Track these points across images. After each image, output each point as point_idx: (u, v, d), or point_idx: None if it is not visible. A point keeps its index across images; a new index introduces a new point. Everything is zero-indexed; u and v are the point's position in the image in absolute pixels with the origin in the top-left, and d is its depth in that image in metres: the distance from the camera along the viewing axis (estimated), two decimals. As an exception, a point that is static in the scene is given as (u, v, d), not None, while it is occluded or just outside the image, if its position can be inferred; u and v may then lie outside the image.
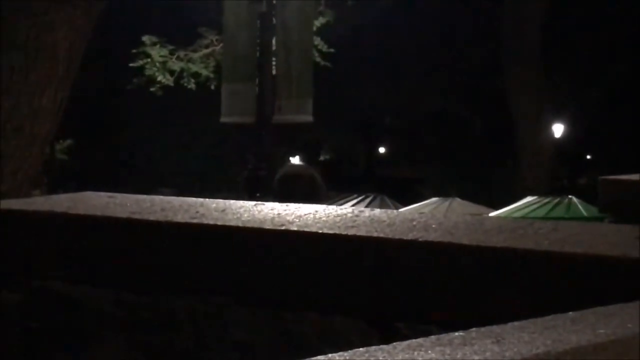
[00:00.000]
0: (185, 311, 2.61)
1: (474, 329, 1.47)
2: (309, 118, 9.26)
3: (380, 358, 1.30)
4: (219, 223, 2.61)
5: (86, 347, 2.76)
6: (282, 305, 2.47)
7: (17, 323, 2.88)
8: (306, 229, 2.49)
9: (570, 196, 15.12)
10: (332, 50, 14.10)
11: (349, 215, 2.66)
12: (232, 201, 2.94)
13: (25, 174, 5.69)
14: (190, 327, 2.60)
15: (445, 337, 1.42)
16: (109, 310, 2.73)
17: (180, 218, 2.69)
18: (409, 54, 27.15)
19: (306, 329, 2.43)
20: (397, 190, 23.90)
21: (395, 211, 3.15)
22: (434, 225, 2.49)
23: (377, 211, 2.78)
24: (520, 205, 14.95)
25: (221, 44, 11.71)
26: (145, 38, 14.23)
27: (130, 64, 14.17)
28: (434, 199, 17.91)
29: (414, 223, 2.52)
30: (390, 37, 25.97)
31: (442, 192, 19.86)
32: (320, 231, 2.46)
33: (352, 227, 2.50)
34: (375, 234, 2.41)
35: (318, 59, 13.41)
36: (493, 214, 14.63)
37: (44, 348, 2.84)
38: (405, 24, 25.28)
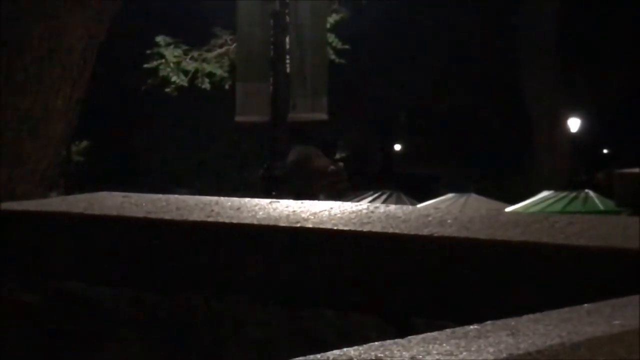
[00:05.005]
0: (202, 310, 2.62)
1: (489, 321, 1.48)
2: (324, 116, 9.27)
3: (395, 351, 1.30)
4: (234, 221, 2.62)
5: (103, 347, 2.77)
6: (298, 303, 2.47)
7: (35, 324, 2.89)
8: (321, 226, 2.50)
9: (586, 190, 15.08)
10: (346, 46, 14.08)
11: (364, 211, 2.66)
12: (247, 199, 2.94)
13: (41, 176, 5.71)
14: (207, 325, 2.61)
15: (460, 330, 1.42)
16: (126, 310, 2.74)
17: (195, 217, 2.70)
18: (424, 50, 27.11)
19: (323, 326, 2.43)
20: (413, 187, 23.89)
21: (410, 207, 3.14)
22: (449, 221, 2.49)
23: (393, 207, 2.78)
24: (536, 200, 14.92)
25: (235, 44, 11.72)
26: (160, 38, 14.25)
27: (145, 65, 14.19)
28: (450, 195, 17.89)
29: (430, 218, 2.52)
30: (405, 33, 25.93)
31: (459, 188, 19.82)
32: (336, 227, 2.47)
33: (368, 223, 2.50)
34: (390, 230, 2.41)
35: (333, 56, 13.40)
36: (509, 209, 14.60)
37: (62, 349, 2.85)
38: (421, 20, 25.25)
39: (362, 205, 2.79)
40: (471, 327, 1.44)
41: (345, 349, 1.32)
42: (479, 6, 25.19)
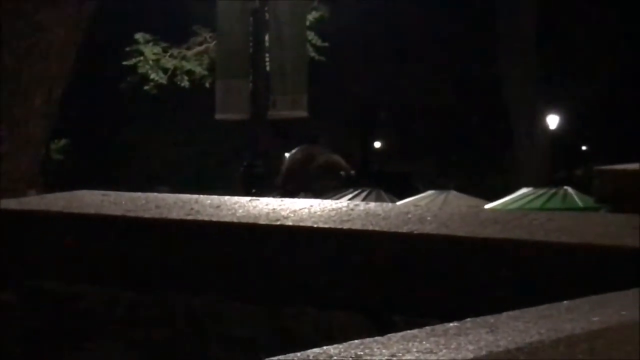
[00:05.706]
0: (183, 308, 2.61)
1: (468, 319, 1.48)
2: (303, 113, 9.27)
3: (375, 349, 1.30)
4: (214, 219, 2.61)
5: (84, 346, 2.76)
6: (279, 301, 2.47)
7: (15, 323, 2.88)
8: (301, 224, 2.49)
9: (565, 187, 15.09)
10: (326, 44, 14.08)
11: (344, 209, 2.66)
12: (226, 197, 2.94)
13: (20, 174, 5.69)
14: (189, 324, 2.60)
15: (439, 327, 1.42)
16: (106, 308, 2.73)
17: (175, 215, 2.69)
18: (405, 48, 27.14)
19: (304, 324, 2.43)
20: (393, 184, 23.87)
21: (390, 204, 3.15)
22: (429, 218, 2.49)
23: (372, 205, 2.78)
24: (515, 197, 14.92)
25: (215, 41, 11.70)
26: (139, 36, 14.20)
27: (124, 62, 14.14)
28: (430, 192, 17.85)
29: (409, 216, 2.52)
30: (385, 31, 25.95)
31: (439, 185, 19.82)
32: (315, 225, 2.46)
33: (347, 220, 2.50)
34: (370, 227, 2.41)
35: (313, 54, 13.39)
36: (489, 206, 14.61)
37: (42, 348, 2.84)
38: (401, 18, 25.28)
39: (342, 203, 2.79)
40: (451, 324, 1.44)
41: (325, 347, 1.32)
42: (459, 4, 25.23)
